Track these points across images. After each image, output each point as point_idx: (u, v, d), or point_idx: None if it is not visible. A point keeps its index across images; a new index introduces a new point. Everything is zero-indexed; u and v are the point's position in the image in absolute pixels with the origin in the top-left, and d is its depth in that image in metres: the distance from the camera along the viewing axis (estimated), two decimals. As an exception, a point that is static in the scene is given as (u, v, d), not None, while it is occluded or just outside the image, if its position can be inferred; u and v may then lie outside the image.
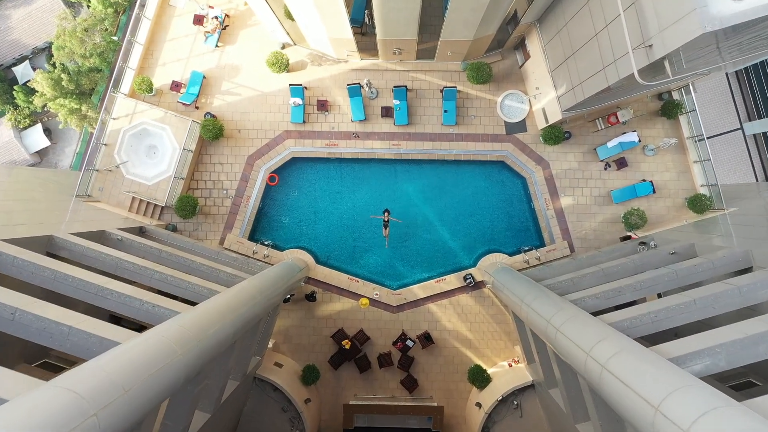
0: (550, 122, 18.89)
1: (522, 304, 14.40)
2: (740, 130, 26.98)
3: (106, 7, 25.26)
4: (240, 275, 16.04)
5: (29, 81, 26.31)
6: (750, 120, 26.74)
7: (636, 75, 11.46)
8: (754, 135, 26.66)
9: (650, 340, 12.43)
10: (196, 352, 9.81)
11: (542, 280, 17.62)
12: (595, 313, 12.53)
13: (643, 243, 17.49)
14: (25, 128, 28.36)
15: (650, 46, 11.07)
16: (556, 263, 18.97)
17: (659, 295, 15.84)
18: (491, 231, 21.10)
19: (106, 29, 26.07)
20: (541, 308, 13.20)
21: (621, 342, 9.66)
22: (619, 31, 11.92)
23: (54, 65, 26.59)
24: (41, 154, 28.96)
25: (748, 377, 13.54)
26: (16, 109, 27.87)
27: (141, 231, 17.98)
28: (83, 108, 25.46)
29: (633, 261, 15.65)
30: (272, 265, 19.65)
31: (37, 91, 25.29)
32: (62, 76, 24.76)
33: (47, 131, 28.56)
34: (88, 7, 26.50)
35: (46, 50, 28.33)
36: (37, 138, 28.32)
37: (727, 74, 26.77)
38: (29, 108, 27.41)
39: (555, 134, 19.26)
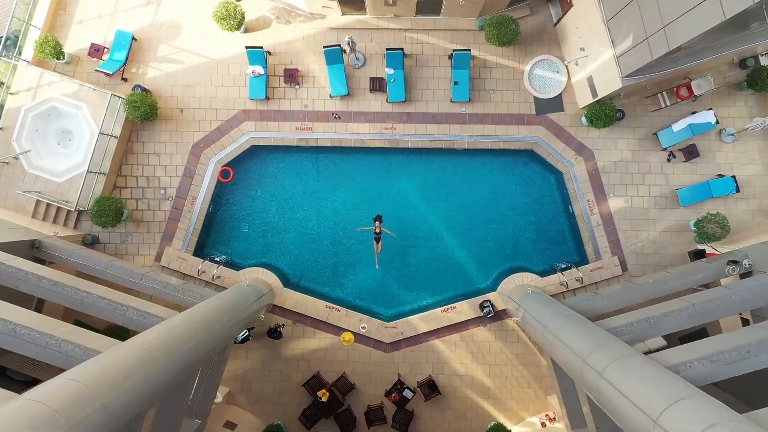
0: (600, 96, 13.82)
1: (582, 365, 9.29)
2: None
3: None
4: (159, 314, 10.94)
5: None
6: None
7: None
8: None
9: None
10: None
11: (592, 313, 12.59)
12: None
13: (733, 262, 12.40)
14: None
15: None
16: (606, 290, 13.89)
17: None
18: (515, 243, 16.02)
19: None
20: (627, 385, 8.09)
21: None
22: None
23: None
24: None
25: None
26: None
27: (33, 246, 12.89)
28: None
29: (739, 293, 10.60)
30: (228, 288, 14.60)
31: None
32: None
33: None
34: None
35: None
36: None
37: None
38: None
39: (605, 113, 14.19)
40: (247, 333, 14.45)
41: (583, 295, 13.92)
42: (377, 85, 15.13)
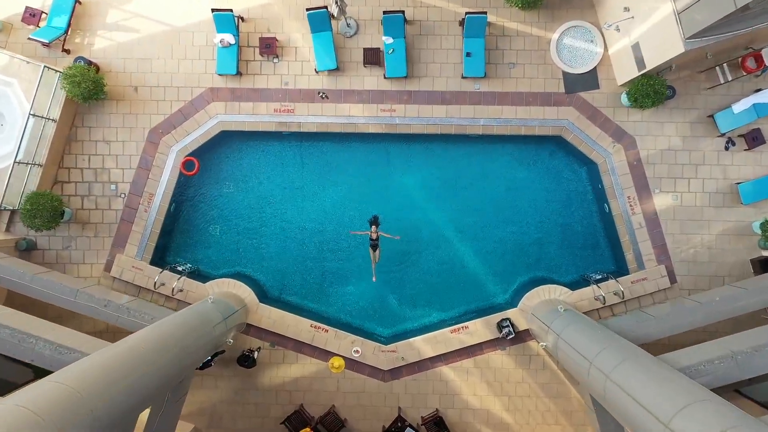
0: (648, 68, 11.14)
1: (663, 430, 6.58)
2: None
3: None
4: (80, 349, 8.25)
5: None
6: None
7: None
8: None
9: None
10: None
11: (642, 339, 9.96)
12: None
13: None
14: None
15: None
16: (657, 309, 11.24)
17: None
18: (539, 249, 13.33)
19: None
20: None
21: None
22: None
23: None
24: None
25: None
26: None
27: (-63, 255, 10.21)
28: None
29: None
30: (191, 305, 11.98)
31: None
32: None
33: None
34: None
35: None
36: None
37: None
38: None
39: (653, 89, 11.50)
40: (209, 358, 11.74)
41: (628, 315, 11.26)
42: (373, 57, 12.45)
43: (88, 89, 11.76)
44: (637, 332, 10.36)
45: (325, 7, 12.00)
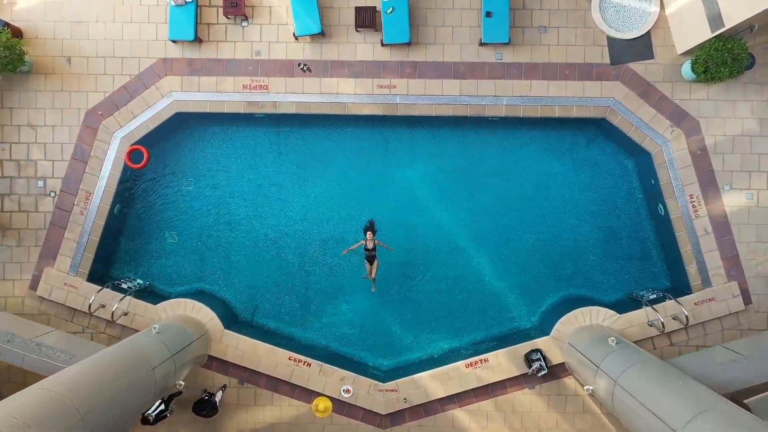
0: (728, 26, 8.50)
1: None
2: None
3: None
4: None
5: None
6: None
7: None
8: None
9: None
10: None
11: (728, 388, 7.33)
12: None
13: None
14: None
15: None
16: (745, 343, 8.59)
17: None
18: (575, 260, 10.71)
19: None
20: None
21: None
22: None
23: None
24: None
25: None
26: None
27: None
28: None
29: None
30: (139, 331, 9.38)
31: None
32: None
33: None
34: None
35: None
36: None
37: None
38: None
39: (731, 55, 8.85)
40: (161, 406, 9.10)
41: (707, 352, 8.59)
42: (367, 18, 9.81)
43: (4, 59, 9.13)
44: (719, 377, 7.74)
45: (306, -47, 9.38)
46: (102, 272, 10.42)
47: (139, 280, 10.54)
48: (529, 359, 9.80)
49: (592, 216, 10.68)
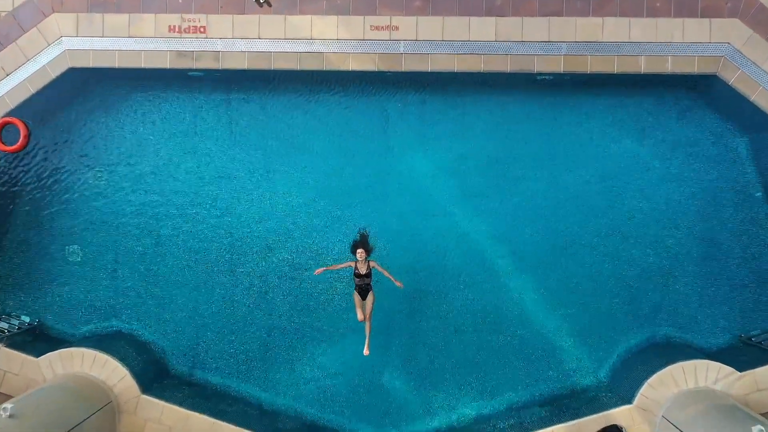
0: None
1: None
2: None
3: None
4: None
5: None
6: None
7: None
8: None
9: None
10: None
11: None
12: None
13: None
14: None
15: None
16: None
17: None
18: (660, 286, 7.36)
19: None
20: None
21: None
22: None
23: None
24: None
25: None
26: None
27: None
28: None
29: None
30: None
31: None
32: None
33: None
34: None
35: None
36: None
37: None
38: None
39: None
40: None
41: None
42: None
43: None
44: None
45: None
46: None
47: (24, 317, 7.24)
48: (602, 440, 6.45)
49: (685, 222, 7.34)
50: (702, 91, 7.10)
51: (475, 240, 7.47)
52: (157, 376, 7.14)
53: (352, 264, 6.42)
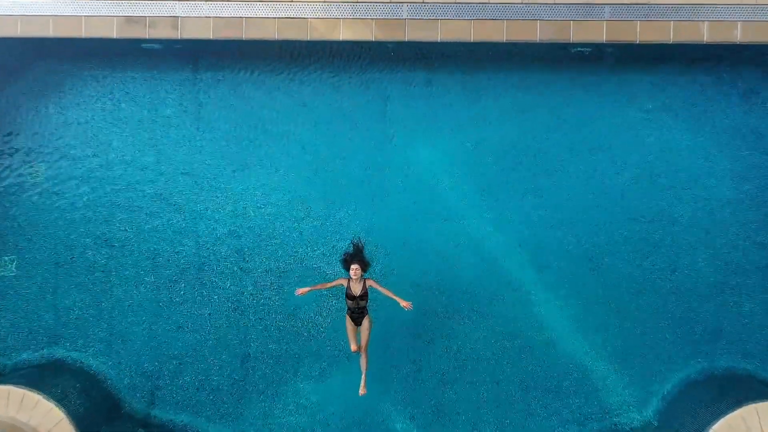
0: None
1: None
2: None
3: None
4: None
5: None
6: None
7: None
8: None
9: None
10: None
11: None
12: None
13: None
14: None
15: None
16: None
17: None
18: (719, 308, 6.04)
19: None
20: None
21: None
22: None
23: None
24: None
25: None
26: None
27: None
28: None
29: None
30: None
31: None
32: None
33: None
34: None
35: None
36: None
37: None
38: None
39: None
40: None
41: None
42: None
43: None
44: None
45: None
46: None
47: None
48: (654, 501, 5.13)
49: (752, 229, 6.00)
50: (772, 68, 5.81)
51: (493, 248, 6.16)
52: (106, 417, 5.85)
53: (344, 282, 5.15)
